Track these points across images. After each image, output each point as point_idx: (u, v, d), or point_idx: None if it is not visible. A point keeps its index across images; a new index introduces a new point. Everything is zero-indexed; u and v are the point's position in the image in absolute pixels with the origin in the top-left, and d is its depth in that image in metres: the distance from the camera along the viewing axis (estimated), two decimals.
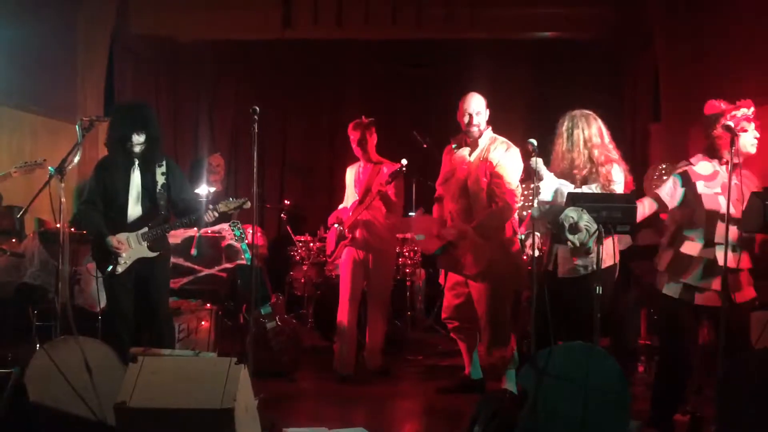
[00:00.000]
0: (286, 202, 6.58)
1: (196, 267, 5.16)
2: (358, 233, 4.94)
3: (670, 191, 3.68)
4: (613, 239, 3.41)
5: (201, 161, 6.89)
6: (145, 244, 3.98)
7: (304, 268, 6.21)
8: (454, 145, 4.55)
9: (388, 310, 5.20)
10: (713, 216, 3.55)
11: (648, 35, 6.58)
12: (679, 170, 3.69)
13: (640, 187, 5.40)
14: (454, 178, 4.44)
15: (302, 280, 6.21)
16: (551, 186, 3.70)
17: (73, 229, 4.98)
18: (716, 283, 3.51)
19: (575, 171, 3.76)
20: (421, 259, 6.36)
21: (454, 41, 7.04)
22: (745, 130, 3.51)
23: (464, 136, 4.44)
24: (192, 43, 7.51)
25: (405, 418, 4.39)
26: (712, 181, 3.60)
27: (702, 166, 3.64)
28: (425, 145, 5.99)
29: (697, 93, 6.14)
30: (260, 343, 4.99)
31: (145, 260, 4.02)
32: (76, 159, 3.65)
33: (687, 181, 3.64)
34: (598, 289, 3.30)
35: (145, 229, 3.99)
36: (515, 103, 6.93)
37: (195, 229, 5.22)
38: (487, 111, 4.41)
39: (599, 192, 3.68)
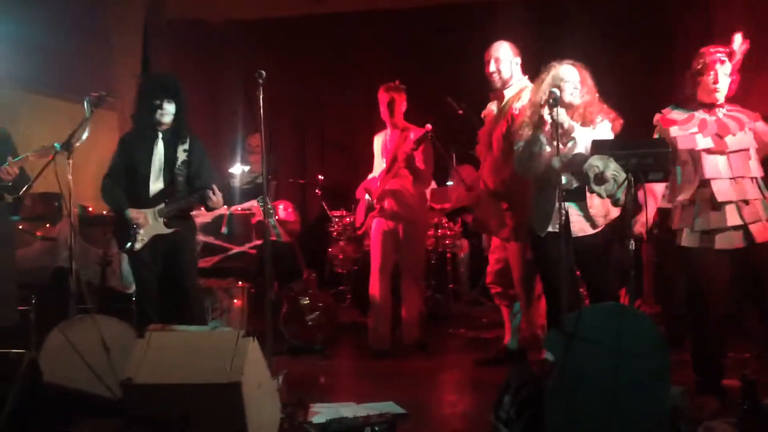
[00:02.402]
0: (319, 177, 6.42)
1: (226, 245, 5.11)
2: (386, 203, 4.74)
3: None
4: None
5: (239, 142, 6.87)
6: (161, 220, 3.91)
7: (341, 243, 6.07)
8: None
9: (422, 282, 5.00)
10: (695, 155, 3.37)
11: None
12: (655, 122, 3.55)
13: None
14: (483, 136, 4.21)
15: (340, 256, 6.07)
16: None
17: (104, 213, 5.01)
18: (730, 220, 3.29)
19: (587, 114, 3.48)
20: (462, 230, 6.12)
21: (484, 2, 6.72)
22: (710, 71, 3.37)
23: (498, 90, 4.19)
24: (224, 24, 7.46)
25: (438, 391, 4.19)
26: (687, 123, 3.41)
27: (675, 114, 3.47)
28: (461, 111, 5.73)
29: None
30: (295, 319, 4.93)
31: (165, 238, 3.95)
32: (84, 135, 3.59)
33: (661, 131, 3.48)
34: (632, 245, 3.03)
35: (162, 206, 3.92)
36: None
37: (225, 207, 5.16)
38: (517, 59, 4.14)
39: (620, 137, 3.40)
